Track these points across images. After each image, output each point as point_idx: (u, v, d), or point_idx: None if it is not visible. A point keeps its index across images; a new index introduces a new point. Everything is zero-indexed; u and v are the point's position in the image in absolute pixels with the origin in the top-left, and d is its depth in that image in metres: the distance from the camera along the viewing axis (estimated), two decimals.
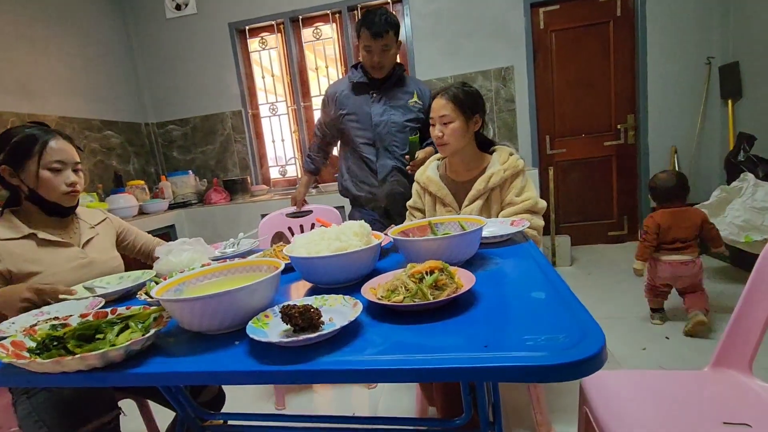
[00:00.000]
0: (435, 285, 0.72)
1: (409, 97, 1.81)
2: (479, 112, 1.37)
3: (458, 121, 1.34)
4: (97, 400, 1.02)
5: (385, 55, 1.69)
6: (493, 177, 1.34)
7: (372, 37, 1.64)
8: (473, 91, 1.37)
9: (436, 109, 1.36)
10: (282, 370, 0.57)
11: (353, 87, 1.82)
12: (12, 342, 0.70)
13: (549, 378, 0.49)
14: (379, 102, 1.79)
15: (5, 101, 2.62)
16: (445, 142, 1.36)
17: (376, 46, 1.66)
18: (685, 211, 2.04)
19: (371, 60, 1.70)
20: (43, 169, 1.11)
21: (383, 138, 1.80)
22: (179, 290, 0.81)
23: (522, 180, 1.36)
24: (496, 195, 1.36)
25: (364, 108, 1.80)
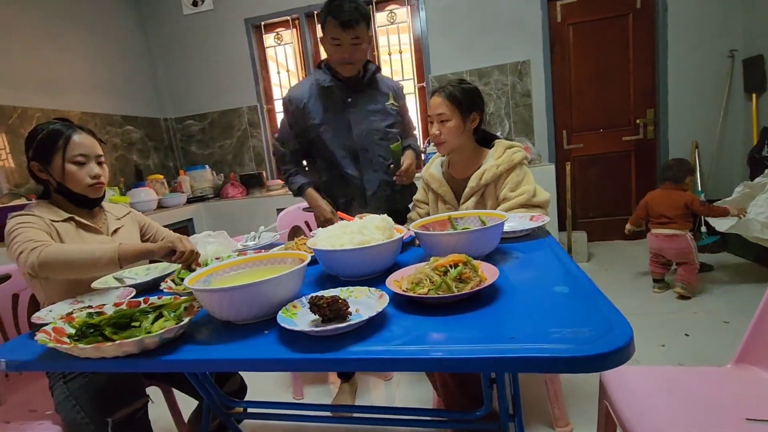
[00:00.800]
0: (459, 278, 0.73)
1: (386, 98, 1.61)
2: (476, 110, 1.36)
3: (455, 119, 1.33)
4: (129, 388, 1.06)
5: (356, 49, 1.45)
6: (485, 173, 1.34)
7: (341, 28, 1.40)
8: (470, 89, 1.36)
9: (433, 107, 1.37)
10: (314, 358, 0.58)
11: (322, 92, 1.54)
12: (53, 328, 0.73)
13: (577, 369, 0.50)
14: (357, 107, 1.56)
15: (31, 98, 2.69)
16: (442, 141, 1.36)
17: (345, 39, 1.42)
18: (672, 193, 2.37)
19: (340, 55, 1.45)
20: (68, 162, 1.15)
21: (366, 148, 1.57)
22: (207, 281, 0.84)
23: (518, 174, 1.33)
24: (491, 191, 1.35)
25: (339, 116, 1.55)
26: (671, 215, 2.32)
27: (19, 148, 2.56)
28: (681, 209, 2.30)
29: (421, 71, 3.46)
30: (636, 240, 3.42)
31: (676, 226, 2.30)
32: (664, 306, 2.25)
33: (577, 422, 1.45)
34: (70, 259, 0.98)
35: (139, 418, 1.06)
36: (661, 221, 2.35)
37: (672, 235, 2.30)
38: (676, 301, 2.30)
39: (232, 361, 0.62)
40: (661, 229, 2.35)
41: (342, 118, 1.55)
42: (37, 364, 0.74)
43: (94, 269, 1.00)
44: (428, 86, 3.42)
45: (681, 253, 2.30)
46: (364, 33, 1.45)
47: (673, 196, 2.35)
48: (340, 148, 1.56)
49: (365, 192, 1.60)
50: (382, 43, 3.52)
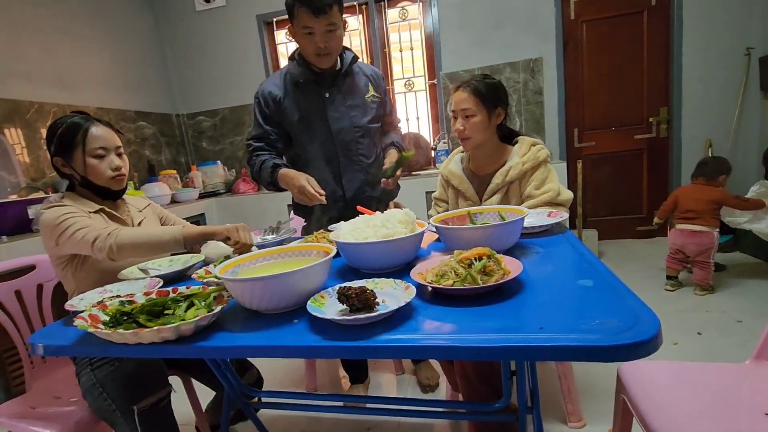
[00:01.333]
0: (483, 271, 0.74)
1: (365, 90, 1.49)
2: (501, 105, 1.35)
3: (480, 114, 1.32)
4: (153, 377, 1.09)
5: (331, 37, 1.32)
6: (511, 170, 1.33)
7: (313, 15, 1.26)
8: (495, 83, 1.35)
9: (457, 102, 1.34)
10: (346, 346, 0.60)
11: (297, 86, 1.43)
12: (89, 315, 0.76)
13: (608, 358, 0.51)
14: (334, 103, 1.44)
15: (48, 93, 2.74)
16: (466, 137, 1.35)
17: (319, 27, 1.29)
18: (702, 188, 2.32)
19: (314, 46, 1.32)
20: (88, 156, 1.16)
21: (347, 147, 1.47)
22: (235, 272, 0.86)
23: (543, 172, 1.33)
24: (515, 188, 1.35)
25: (317, 112, 1.44)
26: (699, 210, 2.26)
27: (36, 142, 2.61)
28: (709, 205, 2.25)
29: (433, 68, 3.46)
30: (647, 239, 3.41)
31: (702, 222, 2.26)
32: (676, 304, 2.25)
33: (590, 418, 1.46)
34: (141, 241, 1.04)
35: (163, 406, 1.08)
36: (687, 216, 2.31)
37: (697, 231, 2.26)
38: (688, 299, 2.30)
39: (267, 348, 0.64)
40: (686, 224, 2.30)
41: (320, 115, 1.44)
42: (73, 349, 0.76)
43: (162, 250, 1.08)
44: (439, 83, 3.42)
45: (702, 251, 2.26)
46: (338, 17, 1.32)
47: (703, 191, 2.30)
48: (318, 147, 1.47)
49: (345, 194, 1.50)
50: (393, 39, 3.52)
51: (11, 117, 2.49)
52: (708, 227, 2.26)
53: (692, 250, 2.30)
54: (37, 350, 0.78)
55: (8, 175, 2.42)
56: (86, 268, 1.11)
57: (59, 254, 1.12)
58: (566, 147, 3.35)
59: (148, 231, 1.07)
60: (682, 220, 2.33)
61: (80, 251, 1.07)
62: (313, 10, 1.26)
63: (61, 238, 1.05)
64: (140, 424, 1.02)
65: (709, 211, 2.26)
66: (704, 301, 2.25)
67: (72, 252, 1.09)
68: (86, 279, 1.11)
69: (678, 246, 2.35)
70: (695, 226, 2.27)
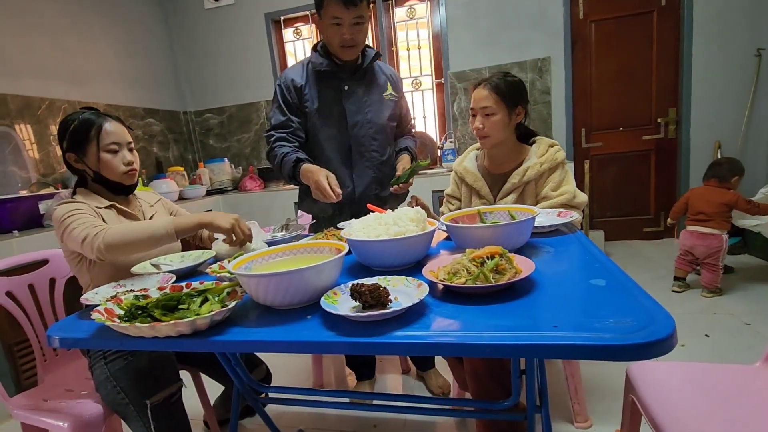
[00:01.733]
0: (496, 269, 0.75)
1: (384, 88, 1.50)
2: (522, 103, 1.34)
3: (500, 113, 1.31)
4: (165, 372, 1.10)
5: (358, 29, 1.34)
6: (528, 170, 1.32)
7: (344, 6, 1.27)
8: (516, 81, 1.33)
9: (477, 100, 1.33)
10: (361, 342, 0.61)
11: (318, 76, 1.43)
12: (105, 309, 0.77)
13: (623, 357, 0.51)
14: (353, 96, 1.45)
15: (59, 89, 2.76)
16: (485, 135, 1.34)
17: (347, 18, 1.30)
18: (714, 190, 2.30)
19: (341, 37, 1.33)
20: (102, 151, 1.17)
21: (360, 142, 1.47)
22: (248, 268, 0.87)
23: (560, 173, 1.33)
24: (531, 189, 1.35)
25: (334, 104, 1.44)
26: (710, 213, 2.26)
27: (46, 138, 2.63)
28: (721, 207, 2.24)
29: (440, 67, 3.46)
30: (654, 240, 3.40)
31: (713, 224, 2.25)
32: (683, 307, 2.24)
33: (596, 419, 1.46)
34: (131, 237, 1.01)
35: (174, 401, 1.10)
36: (698, 218, 2.30)
37: (707, 233, 2.26)
38: (696, 302, 2.29)
39: (283, 343, 0.65)
40: (696, 226, 2.30)
41: (337, 106, 1.44)
42: (90, 342, 0.78)
43: (155, 244, 1.04)
44: (446, 82, 3.41)
45: (710, 253, 2.26)
46: (366, 11, 1.33)
47: (715, 193, 2.29)
48: (331, 139, 1.46)
49: (354, 190, 1.50)
50: (401, 38, 3.53)
51: (22, 113, 2.51)
52: (718, 230, 2.25)
53: (701, 252, 2.29)
54: (53, 342, 0.79)
55: (19, 171, 2.45)
56: (99, 264, 1.12)
57: (69, 250, 1.13)
58: (573, 147, 3.34)
59: (137, 226, 1.04)
60: (693, 221, 2.33)
61: (78, 250, 1.06)
62: (344, 0, 1.27)
63: (64, 234, 1.06)
64: (153, 419, 1.03)
65: (720, 213, 2.25)
66: (712, 304, 2.24)
67: (75, 249, 1.09)
68: (100, 274, 1.12)
69: (687, 247, 2.35)
70: (705, 228, 2.27)
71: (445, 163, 3.27)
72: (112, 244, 0.99)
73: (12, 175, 2.41)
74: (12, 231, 1.99)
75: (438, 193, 2.92)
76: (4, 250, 1.80)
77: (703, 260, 2.30)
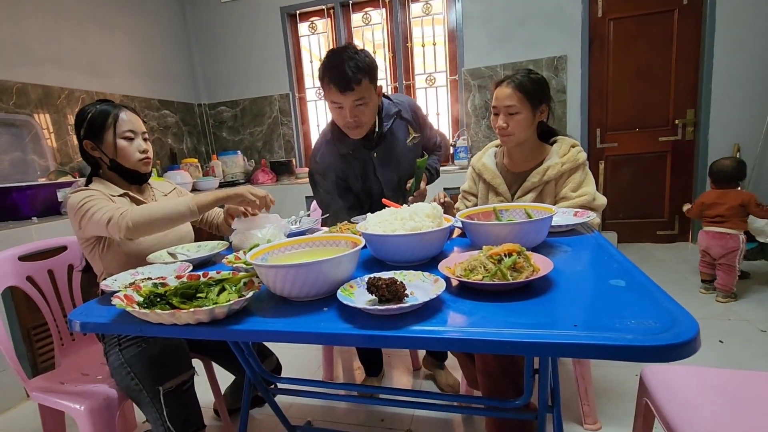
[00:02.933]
0: (513, 267, 0.74)
1: (406, 136, 1.52)
2: (546, 101, 1.32)
3: (524, 111, 1.28)
4: (178, 360, 1.12)
5: (361, 111, 1.31)
6: (549, 170, 1.31)
7: (340, 92, 1.26)
8: (540, 79, 1.31)
9: (500, 98, 1.30)
10: (379, 335, 0.61)
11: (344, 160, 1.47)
12: (125, 295, 0.78)
13: (646, 358, 0.51)
14: (383, 160, 1.49)
15: (77, 79, 2.80)
16: (509, 134, 1.32)
17: (347, 102, 1.28)
18: (729, 193, 2.31)
19: (344, 120, 1.33)
20: (119, 138, 1.20)
21: (390, 186, 1.54)
22: (264, 259, 0.87)
23: (581, 174, 1.31)
24: (551, 188, 1.33)
25: (369, 172, 1.50)
26: (725, 214, 2.28)
27: (64, 127, 2.68)
28: (736, 209, 2.26)
29: (454, 64, 3.44)
30: (667, 243, 3.35)
31: (730, 225, 2.27)
32: (697, 312, 2.21)
33: (605, 421, 1.45)
34: (155, 216, 1.05)
35: (186, 389, 1.11)
36: (716, 220, 2.32)
37: (723, 233, 2.28)
38: (710, 307, 2.26)
39: (300, 334, 0.65)
40: (714, 227, 2.32)
41: (372, 173, 1.51)
42: (109, 327, 0.79)
43: (178, 222, 1.09)
44: (461, 79, 3.39)
45: (726, 253, 2.26)
46: (368, 90, 1.29)
47: (730, 195, 2.30)
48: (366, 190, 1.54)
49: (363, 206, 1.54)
50: (416, 34, 3.50)
51: (42, 102, 2.56)
52: (734, 230, 2.25)
53: (717, 252, 2.30)
54: (74, 326, 0.81)
55: (39, 159, 2.50)
56: (112, 251, 1.15)
57: (84, 236, 1.15)
58: (588, 147, 3.30)
59: (160, 205, 1.07)
60: (711, 223, 2.34)
61: (99, 233, 1.09)
62: (340, 87, 1.24)
63: (83, 220, 1.08)
64: (165, 405, 1.05)
65: (737, 214, 2.26)
66: (726, 310, 2.21)
67: (94, 234, 1.12)
68: (113, 261, 1.15)
69: (703, 247, 2.37)
70: (722, 229, 2.28)
71: (457, 161, 3.25)
72: (139, 222, 1.03)
73: (32, 162, 2.46)
74: (31, 217, 2.03)
75: (450, 190, 2.91)
76: (23, 235, 1.84)
77: (719, 260, 2.29)
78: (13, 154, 2.37)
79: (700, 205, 2.39)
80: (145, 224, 1.04)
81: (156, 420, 1.06)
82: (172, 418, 1.06)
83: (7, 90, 2.36)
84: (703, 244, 2.37)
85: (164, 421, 1.05)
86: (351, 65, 1.23)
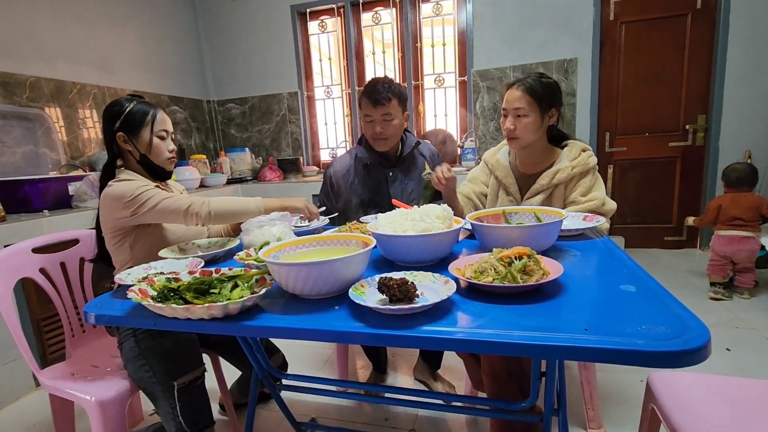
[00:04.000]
0: (523, 270, 0.75)
1: (422, 168, 1.66)
2: (556, 105, 1.32)
3: (533, 115, 1.28)
4: (190, 355, 1.14)
5: (387, 125, 1.55)
6: (559, 173, 1.31)
7: (372, 106, 1.54)
8: (551, 83, 1.31)
9: (510, 101, 1.31)
10: (391, 334, 0.62)
11: (364, 169, 1.65)
12: (140, 289, 0.79)
13: (656, 364, 0.51)
14: (396, 181, 1.66)
15: (89, 74, 2.83)
16: (515, 136, 1.32)
17: (376, 115, 1.54)
18: (744, 196, 2.39)
19: (372, 130, 1.57)
20: (155, 136, 1.24)
21: None
22: (276, 257, 0.88)
23: (591, 179, 1.31)
24: (560, 192, 1.33)
25: (380, 189, 1.66)
26: (743, 216, 2.33)
27: (76, 122, 2.71)
28: (753, 212, 2.33)
29: (464, 65, 3.43)
30: (675, 249, 3.32)
31: (749, 228, 2.33)
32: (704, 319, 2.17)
33: (609, 426, 1.45)
34: (230, 208, 1.19)
35: (198, 385, 1.13)
36: (734, 223, 2.35)
37: (744, 238, 2.33)
38: (717, 314, 2.24)
39: (313, 331, 0.66)
40: (733, 231, 2.35)
41: (383, 191, 1.65)
42: (123, 320, 0.80)
43: (245, 217, 1.21)
44: (470, 81, 3.39)
45: (748, 255, 2.33)
46: (395, 109, 1.55)
47: (746, 198, 2.37)
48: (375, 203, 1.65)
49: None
50: (426, 34, 3.51)
51: (55, 96, 2.59)
52: (753, 232, 2.34)
53: (741, 255, 2.34)
54: (89, 318, 0.82)
55: (50, 152, 2.53)
56: (143, 239, 1.19)
57: (127, 225, 1.17)
58: (597, 151, 3.28)
59: (233, 200, 1.22)
60: (729, 227, 2.37)
61: (163, 219, 1.18)
62: (372, 101, 1.54)
63: (141, 207, 1.12)
64: (179, 400, 1.06)
65: (753, 217, 2.33)
66: (734, 318, 2.19)
67: (150, 221, 1.17)
68: (142, 250, 1.19)
69: (724, 251, 2.38)
70: (742, 232, 2.33)
71: (465, 162, 3.25)
72: (219, 211, 1.17)
73: (43, 156, 2.49)
74: (42, 210, 2.06)
75: None
76: (35, 228, 1.87)
77: (741, 263, 2.35)
78: (25, 148, 2.40)
79: (717, 208, 2.40)
80: (223, 214, 1.18)
81: (168, 414, 1.08)
82: (184, 413, 1.07)
83: (20, 84, 2.39)
84: (723, 248, 2.37)
85: (176, 415, 1.07)
86: (384, 86, 1.53)
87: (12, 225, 1.80)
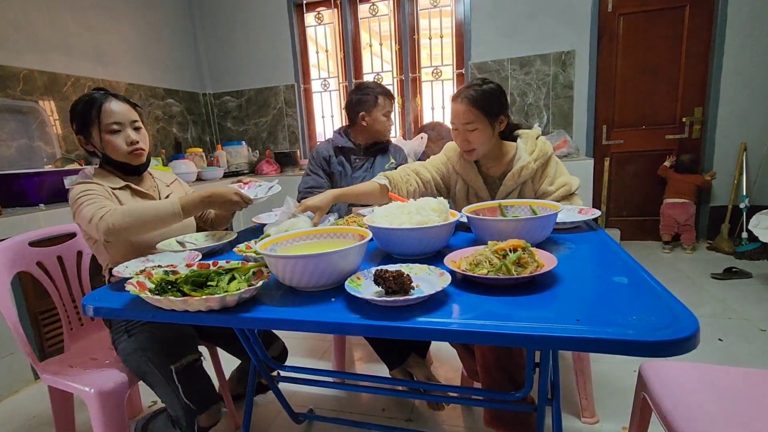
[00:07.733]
0: (518, 262, 0.75)
1: (387, 161, 1.91)
2: (503, 112, 1.29)
3: (482, 125, 1.25)
4: (185, 343, 1.15)
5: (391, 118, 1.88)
6: (523, 171, 1.30)
7: (390, 101, 1.82)
8: (494, 89, 1.26)
9: (456, 115, 1.27)
10: (386, 325, 0.63)
11: (340, 150, 1.89)
12: (137, 282, 0.80)
13: (645, 353, 0.52)
14: (362, 167, 1.88)
15: (83, 67, 2.80)
16: (471, 149, 1.29)
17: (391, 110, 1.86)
18: (687, 177, 3.07)
19: (387, 126, 1.85)
20: (104, 132, 1.15)
21: None
22: (273, 250, 0.89)
23: (553, 167, 1.31)
24: (529, 187, 1.34)
25: (348, 170, 1.88)
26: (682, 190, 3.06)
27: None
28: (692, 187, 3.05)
29: (461, 57, 3.42)
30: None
31: (685, 198, 3.05)
32: (697, 310, 2.21)
33: (603, 415, 1.47)
34: (136, 218, 1.03)
35: (198, 366, 1.14)
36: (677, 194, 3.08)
37: (682, 204, 3.04)
38: (710, 306, 2.26)
39: (309, 323, 0.67)
40: (674, 198, 3.06)
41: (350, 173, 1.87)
42: (122, 312, 0.81)
43: (162, 224, 1.06)
44: (467, 73, 3.38)
45: (689, 217, 3.04)
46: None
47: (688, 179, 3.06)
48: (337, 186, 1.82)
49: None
50: (423, 26, 3.48)
51: (49, 89, 2.56)
52: (690, 200, 3.03)
53: (681, 217, 3.04)
54: (88, 311, 0.83)
55: (45, 146, 2.51)
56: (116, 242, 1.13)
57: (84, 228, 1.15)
58: (594, 144, 3.29)
59: (143, 206, 1.05)
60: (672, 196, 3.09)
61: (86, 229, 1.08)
62: (390, 97, 1.84)
63: (75, 214, 1.09)
64: (179, 383, 1.07)
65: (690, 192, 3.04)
66: (727, 309, 2.22)
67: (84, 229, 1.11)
68: (118, 252, 1.15)
69: (669, 214, 3.09)
70: (679, 199, 3.04)
71: None
72: (120, 224, 1.01)
73: (38, 149, 2.47)
74: (38, 204, 2.05)
75: None
76: (31, 222, 1.86)
77: (684, 223, 3.03)
78: (19, 141, 2.38)
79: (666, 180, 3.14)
80: (127, 226, 1.01)
81: (173, 399, 1.08)
82: (188, 394, 1.07)
83: (14, 76, 2.37)
84: (668, 211, 3.07)
85: (181, 398, 1.07)
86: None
87: (8, 219, 1.80)
